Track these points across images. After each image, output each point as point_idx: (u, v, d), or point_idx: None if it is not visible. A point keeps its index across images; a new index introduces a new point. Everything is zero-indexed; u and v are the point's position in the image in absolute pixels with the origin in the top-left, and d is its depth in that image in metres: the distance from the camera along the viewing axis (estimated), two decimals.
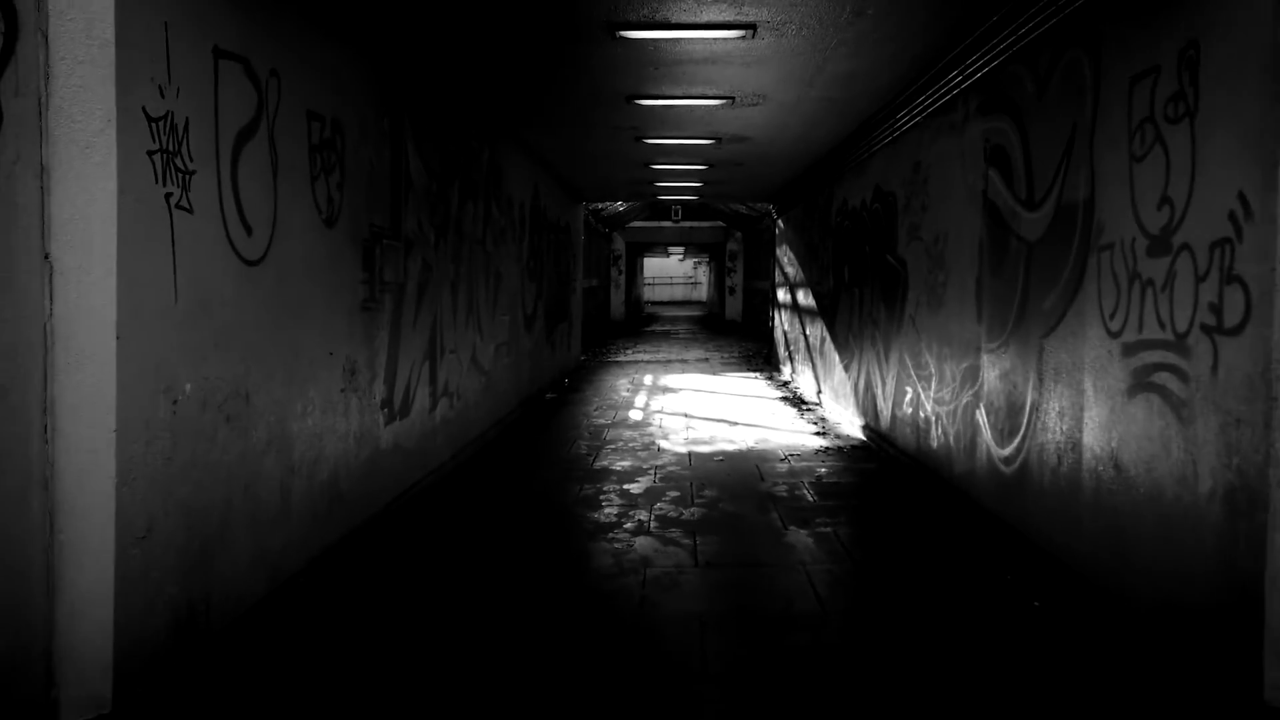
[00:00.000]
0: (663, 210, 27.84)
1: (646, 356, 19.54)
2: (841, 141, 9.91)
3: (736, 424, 10.29)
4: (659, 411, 11.31)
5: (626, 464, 8.09)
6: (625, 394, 13.07)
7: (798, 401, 12.27)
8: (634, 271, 35.62)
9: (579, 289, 17.46)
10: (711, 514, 6.35)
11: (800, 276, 14.08)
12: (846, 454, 8.54)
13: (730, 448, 8.84)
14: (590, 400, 12.39)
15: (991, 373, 5.74)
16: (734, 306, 31.09)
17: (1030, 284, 5.14)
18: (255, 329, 4.25)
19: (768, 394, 13.11)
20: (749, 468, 7.90)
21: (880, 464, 8.05)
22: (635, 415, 11.01)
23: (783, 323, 16.10)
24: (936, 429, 6.91)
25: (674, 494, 6.93)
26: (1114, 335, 4.19)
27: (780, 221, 16.51)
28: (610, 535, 5.81)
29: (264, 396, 4.35)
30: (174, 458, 3.62)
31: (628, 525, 6.06)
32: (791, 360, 14.90)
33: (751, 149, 10.96)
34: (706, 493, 6.96)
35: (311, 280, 4.86)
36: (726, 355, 19.91)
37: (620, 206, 24.38)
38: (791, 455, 8.44)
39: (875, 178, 9.04)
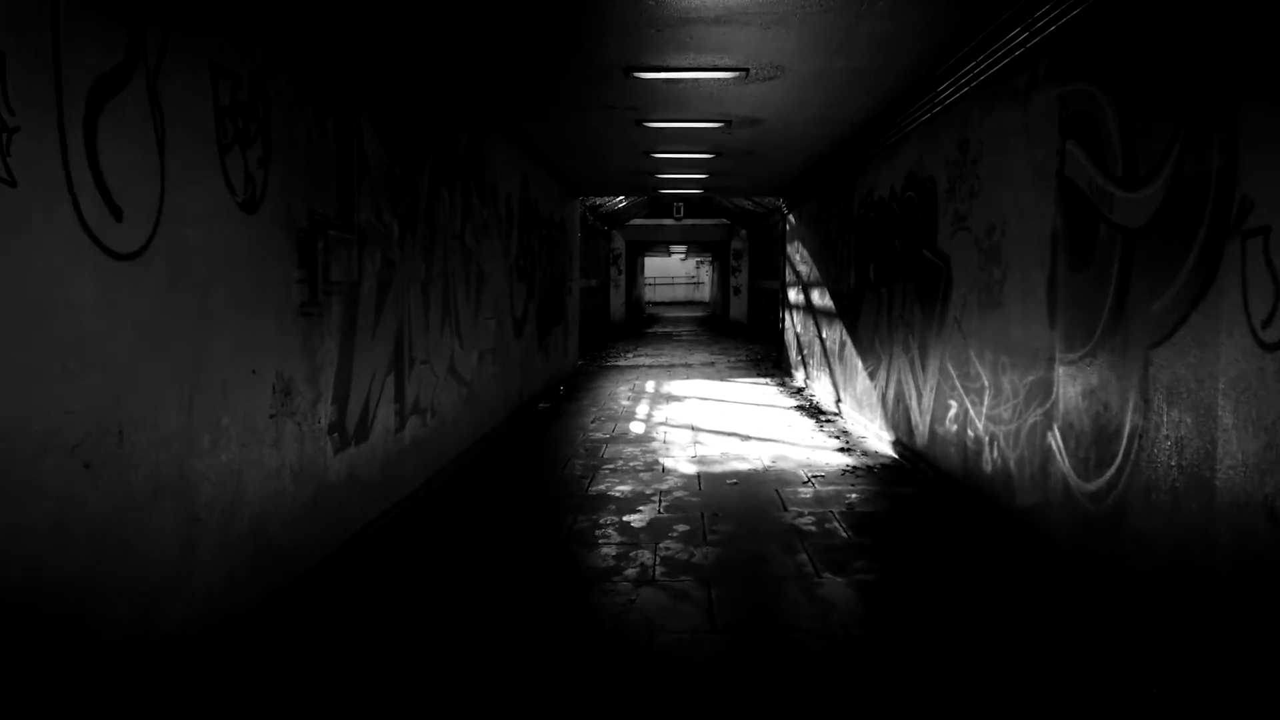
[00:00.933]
0: (664, 207, 26.85)
1: (648, 361, 18.51)
2: (868, 123, 8.87)
3: (749, 438, 9.25)
4: (663, 424, 10.28)
5: (627, 488, 7.05)
6: (625, 403, 12.04)
7: (815, 411, 11.23)
8: (634, 271, 34.61)
9: (575, 289, 16.43)
10: (728, 555, 5.31)
11: (815, 275, 13.04)
12: (878, 475, 7.50)
13: (744, 467, 7.81)
14: (587, 410, 11.36)
15: (1070, 389, 4.70)
16: (739, 307, 30.05)
17: (1130, 281, 4.10)
18: (133, 343, 3.22)
19: (781, 403, 12.06)
20: (768, 492, 6.86)
21: (919, 488, 7.00)
22: (637, 428, 9.98)
23: (794, 325, 15.06)
24: (991, 452, 5.86)
25: (683, 528, 5.90)
26: (1270, 348, 3.15)
27: (791, 217, 15.47)
28: (608, 585, 4.78)
29: (148, 431, 3.32)
30: None
31: (629, 571, 5.03)
32: (805, 365, 13.86)
33: (764, 134, 9.92)
34: (720, 526, 5.92)
35: (223, 279, 3.83)
36: (733, 359, 18.86)
37: (619, 203, 23.37)
38: (815, 477, 7.40)
39: (908, 162, 8.00)
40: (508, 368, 10.13)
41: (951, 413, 6.68)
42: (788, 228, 15.89)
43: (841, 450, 8.58)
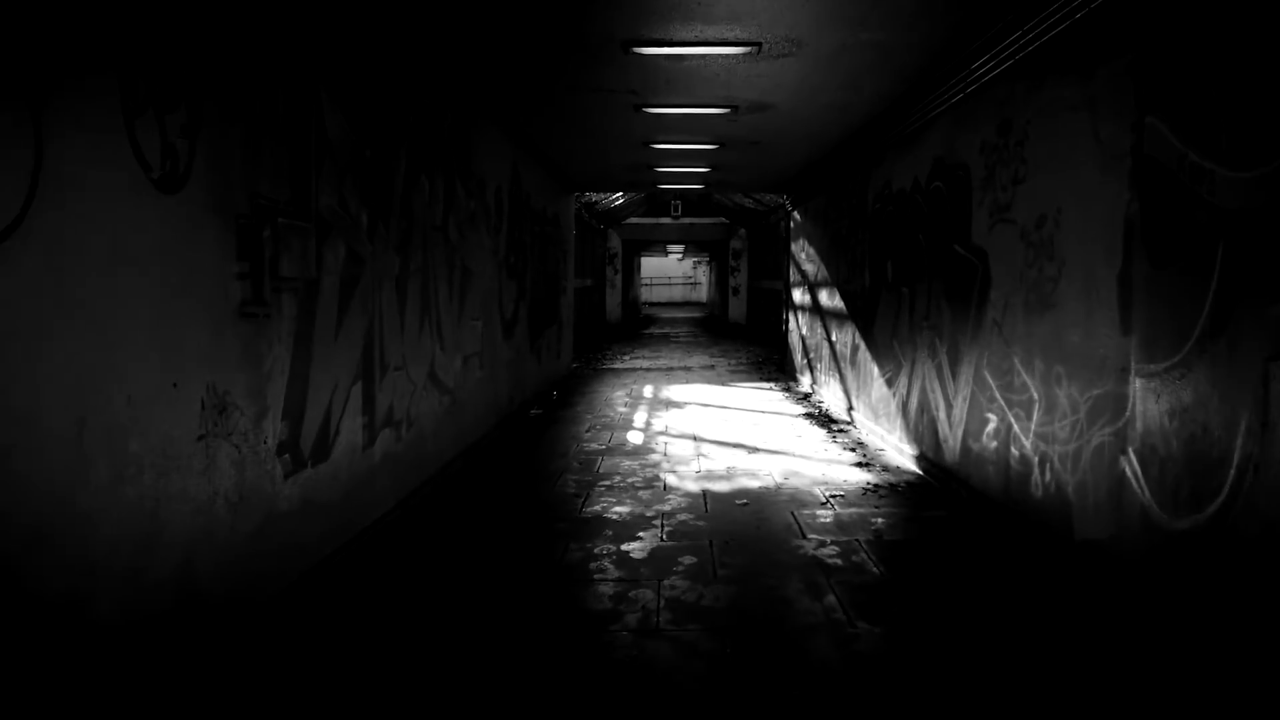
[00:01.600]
0: (661, 206, 26.19)
1: (646, 363, 17.78)
2: (888, 107, 8.16)
3: (757, 450, 8.53)
4: (662, 433, 9.55)
5: (625, 510, 6.33)
6: (622, 409, 11.31)
7: (825, 420, 10.51)
8: (631, 271, 33.93)
9: (570, 289, 15.70)
10: (745, 597, 4.58)
11: (823, 275, 12.33)
12: (903, 494, 6.78)
13: (754, 485, 7.09)
14: (582, 418, 10.63)
15: (1151, 405, 3.99)
16: (737, 308, 29.36)
17: (1238, 277, 3.39)
18: None
19: (788, 410, 11.35)
20: (782, 516, 6.14)
21: (951, 511, 6.28)
22: (635, 438, 9.25)
23: (800, 326, 14.35)
24: (1042, 474, 5.15)
25: (689, 560, 5.17)
26: None
27: (796, 214, 14.77)
28: (605, 637, 4.05)
29: (22, 461, 2.59)
30: None
31: (629, 617, 4.30)
32: (812, 369, 13.15)
33: (772, 122, 9.21)
34: (732, 558, 5.20)
35: (130, 271, 3.10)
36: (734, 362, 18.14)
37: (616, 201, 22.68)
38: (834, 496, 6.67)
39: (935, 149, 7.29)
40: (496, 372, 9.40)
41: (990, 427, 5.96)
42: (792, 225, 15.19)
43: (859, 465, 7.86)
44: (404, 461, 6.25)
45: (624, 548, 5.42)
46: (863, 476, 7.39)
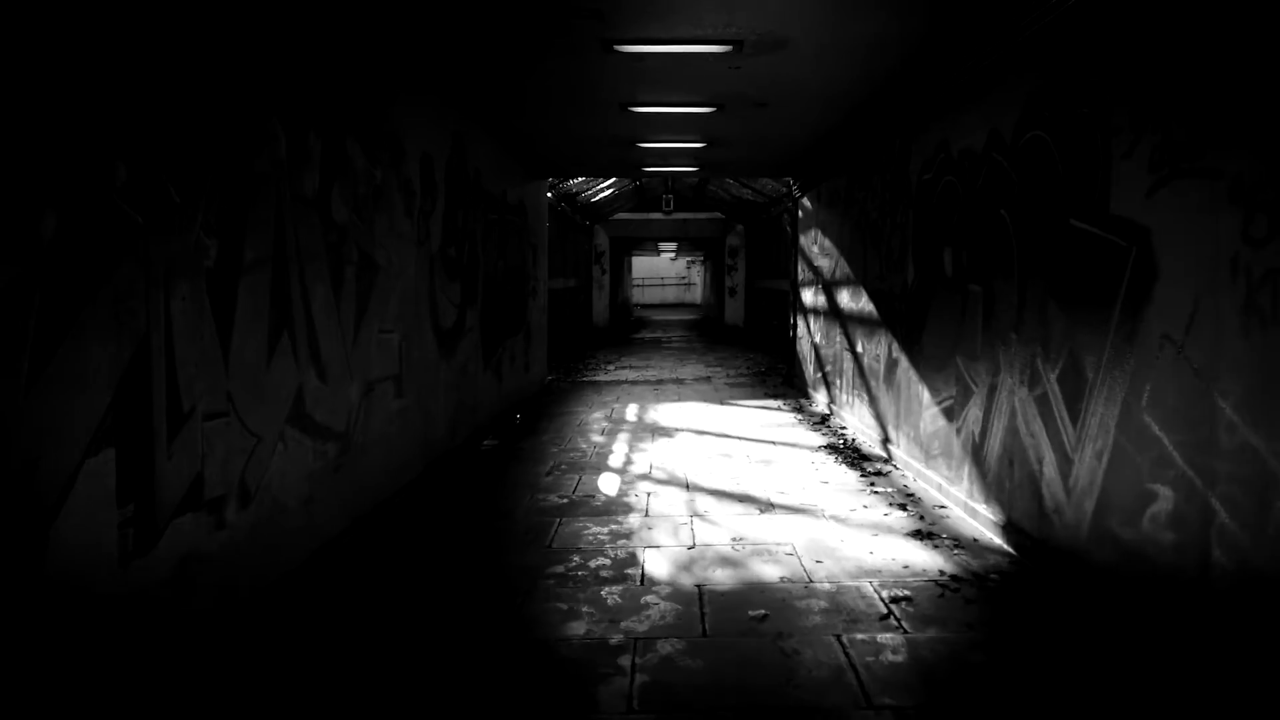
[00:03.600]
0: (652, 200, 24.03)
1: (633, 374, 15.53)
2: (946, 35, 5.91)
3: (772, 506, 6.31)
4: (645, 476, 7.32)
5: (579, 630, 4.10)
6: (598, 439, 9.07)
7: (853, 455, 8.25)
8: (620, 271, 31.73)
9: (542, 290, 13.44)
10: None
11: (843, 271, 10.11)
12: (999, 595, 4.54)
13: (773, 575, 4.86)
14: (547, 452, 8.38)
15: None
16: (735, 310, 27.15)
17: None
18: None
19: (804, 440, 9.09)
20: (825, 646, 3.91)
21: (1090, 633, 4.02)
22: (608, 486, 7.02)
23: (812, 333, 12.12)
24: None
25: None
26: None
27: (806, 200, 12.55)
28: None
29: None
30: None
31: None
32: (828, 385, 10.93)
33: (786, 68, 6.97)
34: None
35: None
36: (732, 373, 15.88)
37: (603, 191, 20.48)
38: (896, 601, 4.44)
39: (1030, 85, 5.06)
40: (427, 399, 7.16)
41: (1158, 507, 3.74)
42: (800, 214, 12.98)
43: (918, 536, 5.60)
44: (231, 560, 4.01)
45: None
46: (928, 558, 5.16)
